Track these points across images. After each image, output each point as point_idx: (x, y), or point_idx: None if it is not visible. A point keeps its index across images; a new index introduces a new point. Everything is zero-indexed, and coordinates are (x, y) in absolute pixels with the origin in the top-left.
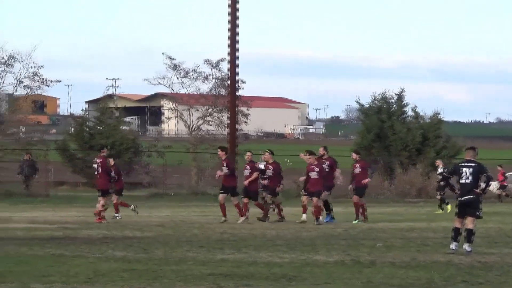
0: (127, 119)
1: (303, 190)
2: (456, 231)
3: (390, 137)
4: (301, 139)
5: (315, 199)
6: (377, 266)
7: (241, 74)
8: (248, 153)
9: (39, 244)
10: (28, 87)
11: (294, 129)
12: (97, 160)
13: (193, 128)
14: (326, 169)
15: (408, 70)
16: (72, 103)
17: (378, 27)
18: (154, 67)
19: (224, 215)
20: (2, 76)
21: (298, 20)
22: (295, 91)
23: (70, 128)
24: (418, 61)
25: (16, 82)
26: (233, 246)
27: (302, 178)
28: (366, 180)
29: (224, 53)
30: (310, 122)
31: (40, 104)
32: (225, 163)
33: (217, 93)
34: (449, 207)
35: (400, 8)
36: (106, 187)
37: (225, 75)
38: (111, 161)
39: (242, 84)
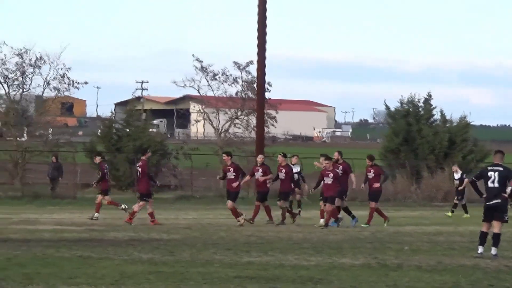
0: (155, 122)
1: (312, 189)
2: (483, 235)
3: (417, 141)
4: (329, 142)
5: (328, 205)
6: (403, 269)
7: (268, 77)
8: (260, 156)
9: (66, 246)
10: (56, 89)
11: (321, 132)
12: (139, 164)
13: (220, 131)
14: (340, 174)
15: (435, 73)
16: (99, 105)
17: (406, 30)
18: (182, 69)
19: (237, 217)
20: (30, 77)
21: (326, 22)
22: (323, 94)
23: (97, 130)
24: (445, 64)
25: (44, 84)
26: (259, 249)
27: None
28: (376, 185)
29: (253, 56)
30: (338, 125)
31: (68, 106)
32: (232, 169)
33: (245, 95)
34: (449, 214)
35: (426, 11)
36: (146, 191)
37: (253, 77)
38: (98, 159)
39: (269, 87)
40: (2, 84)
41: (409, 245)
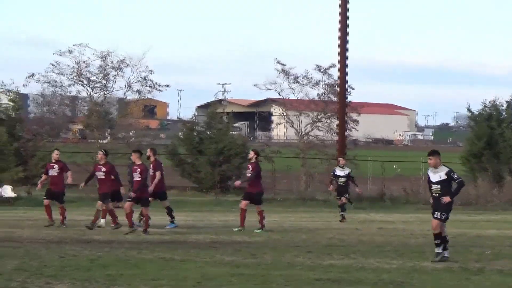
0: (237, 124)
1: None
2: None
3: (500, 144)
4: (410, 146)
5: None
6: (485, 273)
7: (350, 80)
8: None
9: (148, 248)
10: (138, 91)
11: (403, 135)
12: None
13: (302, 134)
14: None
15: None
16: (181, 107)
17: (489, 32)
18: (264, 72)
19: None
20: (113, 80)
21: (408, 25)
22: (404, 98)
23: (179, 133)
24: None
25: (127, 87)
26: (341, 252)
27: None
28: (237, 183)
29: (334, 59)
30: (419, 128)
31: (150, 109)
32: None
33: (326, 98)
34: None
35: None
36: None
37: (335, 81)
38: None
39: (351, 90)
40: (85, 87)
41: (491, 249)
